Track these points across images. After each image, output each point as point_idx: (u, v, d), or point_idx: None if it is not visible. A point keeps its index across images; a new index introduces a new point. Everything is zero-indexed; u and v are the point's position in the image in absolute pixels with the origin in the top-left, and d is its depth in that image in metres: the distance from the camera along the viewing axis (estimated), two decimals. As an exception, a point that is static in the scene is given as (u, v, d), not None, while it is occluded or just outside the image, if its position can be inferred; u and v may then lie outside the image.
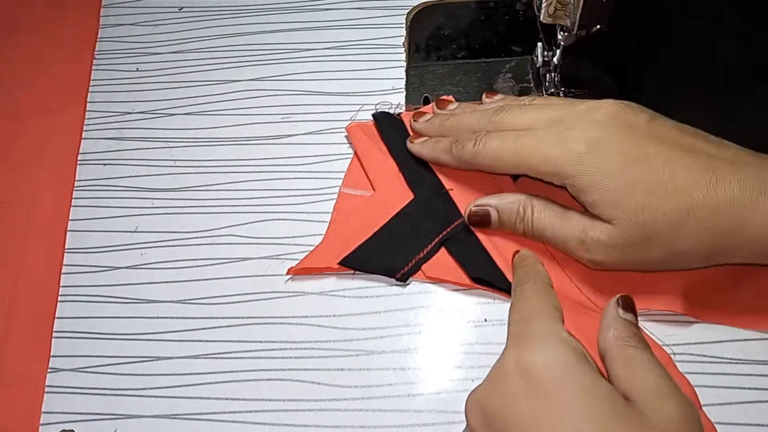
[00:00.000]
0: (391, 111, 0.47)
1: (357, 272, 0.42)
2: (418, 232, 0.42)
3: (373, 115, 0.47)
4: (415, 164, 0.44)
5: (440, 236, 0.41)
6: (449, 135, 0.42)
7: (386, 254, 0.41)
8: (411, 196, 0.43)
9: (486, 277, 0.40)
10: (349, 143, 0.46)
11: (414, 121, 0.44)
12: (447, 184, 0.43)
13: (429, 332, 0.40)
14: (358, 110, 0.47)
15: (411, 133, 0.45)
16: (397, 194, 0.43)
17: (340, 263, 0.41)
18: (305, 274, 0.42)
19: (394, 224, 0.42)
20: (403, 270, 0.41)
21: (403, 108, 0.47)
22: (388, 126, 0.46)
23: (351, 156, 0.46)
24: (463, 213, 0.41)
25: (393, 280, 0.41)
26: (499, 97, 0.44)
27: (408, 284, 0.41)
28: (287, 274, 0.42)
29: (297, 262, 0.43)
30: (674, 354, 0.37)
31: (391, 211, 0.43)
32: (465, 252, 0.41)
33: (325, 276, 0.42)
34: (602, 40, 0.42)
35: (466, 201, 0.42)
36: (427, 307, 0.41)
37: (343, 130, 0.47)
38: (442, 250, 0.42)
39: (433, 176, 0.43)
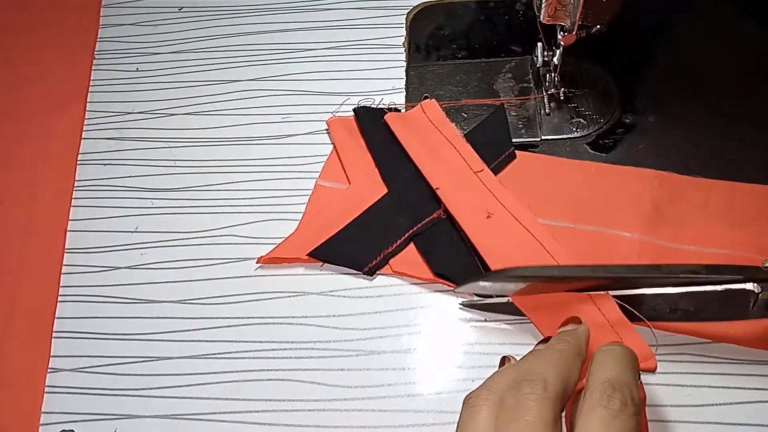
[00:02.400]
0: (373, 106, 0.47)
1: (325, 264, 0.42)
2: (389, 226, 0.42)
3: (354, 109, 0.47)
4: (391, 159, 0.44)
5: (410, 231, 0.42)
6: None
7: (355, 247, 0.42)
8: (385, 191, 0.43)
9: (448, 273, 0.40)
10: (330, 138, 0.47)
11: None
12: (434, 182, 0.43)
13: (429, 332, 0.40)
14: (341, 104, 0.48)
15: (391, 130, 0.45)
16: (371, 188, 0.44)
17: (309, 254, 0.41)
18: (275, 264, 0.42)
19: (366, 218, 0.43)
20: (371, 263, 0.41)
21: (385, 105, 0.47)
22: (368, 121, 0.46)
23: (351, 156, 0.46)
24: (447, 209, 0.42)
25: (395, 279, 0.41)
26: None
27: (408, 284, 0.41)
28: (257, 263, 0.42)
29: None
30: (667, 373, 0.38)
31: (365, 204, 0.43)
32: (431, 247, 0.41)
33: (326, 276, 0.42)
34: (602, 40, 0.42)
35: (452, 200, 0.42)
36: (427, 307, 0.41)
37: (343, 130, 0.47)
38: (411, 245, 0.42)
39: (409, 171, 0.44)
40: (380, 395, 0.39)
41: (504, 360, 0.35)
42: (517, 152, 0.44)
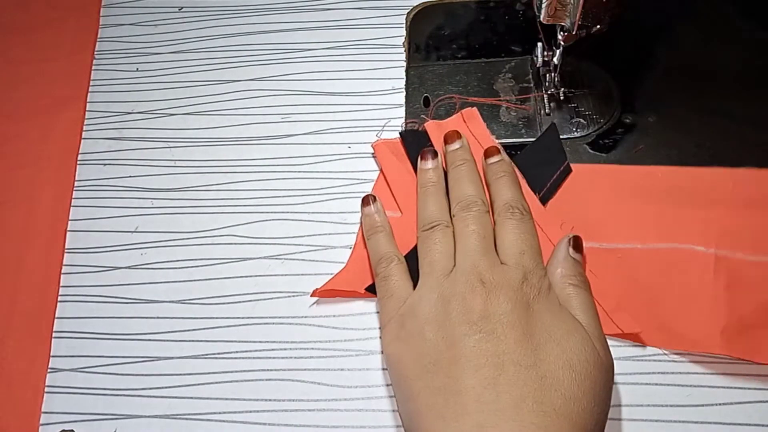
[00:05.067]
0: (419, 128, 0.46)
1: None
2: None
3: (400, 133, 0.46)
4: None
5: None
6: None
7: (413, 281, 0.39)
8: None
9: None
10: (376, 162, 0.45)
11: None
12: None
13: (429, 332, 0.40)
14: (382, 128, 0.47)
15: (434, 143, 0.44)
16: None
17: (367, 289, 0.40)
18: (329, 296, 0.41)
19: None
20: None
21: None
22: (414, 144, 0.44)
23: (351, 156, 0.46)
24: None
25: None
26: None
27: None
28: (312, 296, 0.41)
29: (298, 263, 0.43)
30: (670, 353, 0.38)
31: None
32: None
33: (325, 276, 0.42)
34: (602, 40, 0.42)
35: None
36: (427, 307, 0.41)
37: (343, 129, 0.47)
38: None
39: None
40: (380, 395, 0.39)
41: (368, 199, 0.43)
42: (573, 165, 0.43)
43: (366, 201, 0.43)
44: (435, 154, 0.43)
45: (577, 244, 0.37)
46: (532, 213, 0.40)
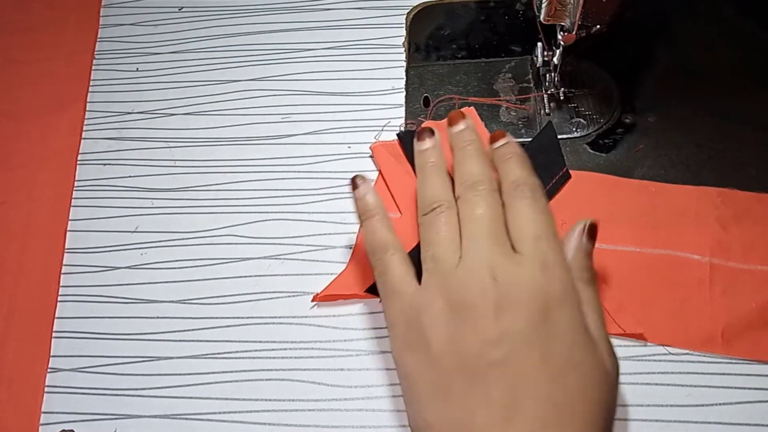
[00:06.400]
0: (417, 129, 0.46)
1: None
2: None
3: (397, 134, 0.46)
4: None
5: None
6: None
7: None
8: None
9: None
10: (375, 164, 0.46)
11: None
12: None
13: (429, 332, 0.40)
14: (382, 128, 0.47)
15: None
16: None
17: (367, 291, 0.40)
18: (330, 300, 0.41)
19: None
20: None
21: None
22: (412, 145, 0.44)
23: (350, 156, 0.46)
24: None
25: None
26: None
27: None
28: (312, 301, 0.41)
29: (298, 263, 0.43)
30: (670, 354, 0.38)
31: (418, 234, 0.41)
32: None
33: (325, 276, 0.42)
34: (602, 40, 0.42)
35: None
36: (427, 307, 0.41)
37: (343, 129, 0.47)
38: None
39: None
40: (380, 395, 0.39)
41: (355, 180, 0.38)
42: (572, 172, 0.43)
43: (354, 183, 0.38)
44: (432, 133, 0.38)
45: (592, 232, 0.34)
46: None
